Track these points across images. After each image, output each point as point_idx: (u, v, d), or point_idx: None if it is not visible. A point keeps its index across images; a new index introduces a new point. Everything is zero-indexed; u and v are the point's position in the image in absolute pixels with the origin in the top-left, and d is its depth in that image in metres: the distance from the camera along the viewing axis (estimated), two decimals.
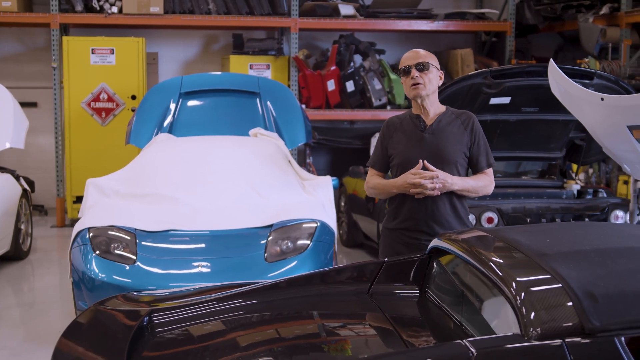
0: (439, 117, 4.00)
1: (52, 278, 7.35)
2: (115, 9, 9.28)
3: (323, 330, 3.09)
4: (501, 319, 2.80)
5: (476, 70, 9.84)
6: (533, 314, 2.48)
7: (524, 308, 2.51)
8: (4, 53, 10.25)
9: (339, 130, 10.42)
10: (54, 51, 9.30)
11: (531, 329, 2.45)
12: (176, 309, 3.20)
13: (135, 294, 3.63)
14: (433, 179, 3.82)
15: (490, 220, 5.82)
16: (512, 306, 2.58)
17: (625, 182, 8.53)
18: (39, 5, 9.83)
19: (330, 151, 10.86)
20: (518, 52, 10.43)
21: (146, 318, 3.10)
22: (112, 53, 9.27)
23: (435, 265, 3.41)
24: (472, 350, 2.37)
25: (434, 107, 4.01)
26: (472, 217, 5.82)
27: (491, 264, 2.82)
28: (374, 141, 10.08)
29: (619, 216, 6.04)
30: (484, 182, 4.01)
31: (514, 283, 2.64)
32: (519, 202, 6.18)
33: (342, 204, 8.38)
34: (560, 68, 4.92)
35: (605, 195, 6.48)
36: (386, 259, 3.46)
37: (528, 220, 5.93)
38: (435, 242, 3.40)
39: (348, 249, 8.19)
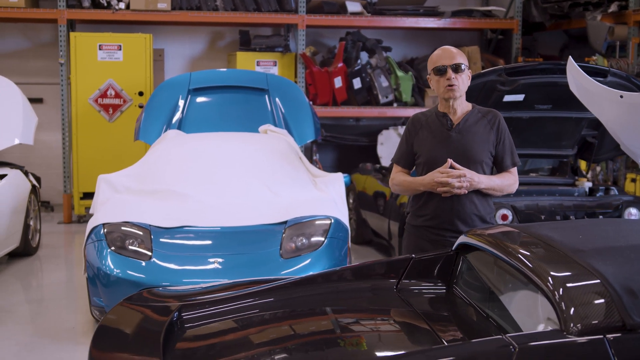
0: (465, 116, 4.00)
1: (60, 274, 7.34)
2: (122, 5, 9.25)
3: (357, 325, 3.09)
4: (535, 314, 2.80)
5: (483, 68, 9.86)
6: (573, 309, 2.48)
7: (563, 304, 2.51)
8: (9, 49, 10.21)
9: (345, 128, 10.42)
10: (61, 47, 9.28)
11: (571, 325, 2.45)
12: (205, 305, 3.21)
13: (159, 290, 3.63)
14: (460, 178, 3.83)
15: (504, 217, 5.82)
16: (550, 302, 2.58)
17: (633, 180, 8.55)
18: (46, 1, 9.80)
19: (336, 148, 10.86)
20: (524, 50, 10.43)
21: (176, 314, 3.10)
22: (120, 49, 9.25)
23: (462, 262, 3.41)
24: (514, 345, 2.37)
25: (461, 107, 4.02)
26: None
27: (525, 259, 2.82)
28: (380, 138, 10.08)
29: (633, 213, 6.04)
30: (509, 181, 4.00)
31: (551, 279, 2.64)
32: (532, 200, 6.17)
33: (351, 201, 8.38)
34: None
35: (617, 192, 6.48)
36: (413, 256, 3.46)
37: (542, 217, 5.93)
38: (463, 239, 3.40)
39: (357, 246, 8.19)
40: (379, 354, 2.77)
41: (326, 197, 6.16)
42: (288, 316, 3.15)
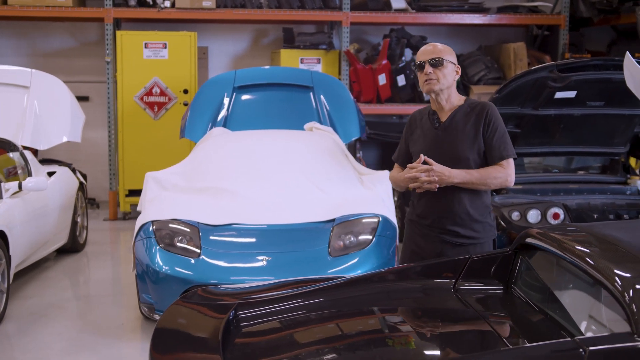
0: (453, 112, 3.87)
1: (107, 271, 7.41)
2: (167, 4, 9.28)
3: (415, 326, 3.04)
4: (600, 316, 2.73)
5: (529, 64, 9.72)
6: None
7: (634, 305, 2.44)
8: (57, 48, 10.33)
9: (387, 125, 10.33)
10: (108, 46, 9.35)
11: None
12: (261, 303, 3.19)
13: (214, 288, 3.62)
14: (429, 172, 3.71)
15: (556, 216, 5.71)
16: (619, 304, 2.51)
17: None
18: (93, 0, 9.89)
19: (379, 146, 10.77)
20: (571, 46, 10.26)
21: (232, 312, 3.09)
22: (165, 47, 9.29)
23: (521, 262, 3.34)
24: (584, 348, 2.31)
25: (449, 102, 3.88)
26: (537, 213, 5.73)
27: (591, 260, 2.75)
28: None
29: None
30: (495, 174, 3.78)
31: (620, 279, 2.57)
32: (583, 198, 6.07)
33: (395, 199, 8.30)
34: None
35: None
36: (471, 255, 3.41)
37: (595, 216, 5.81)
38: (522, 239, 3.33)
39: (400, 244, 8.11)
40: (441, 356, 2.72)
41: (373, 194, 6.11)
42: (343, 316, 3.12)
